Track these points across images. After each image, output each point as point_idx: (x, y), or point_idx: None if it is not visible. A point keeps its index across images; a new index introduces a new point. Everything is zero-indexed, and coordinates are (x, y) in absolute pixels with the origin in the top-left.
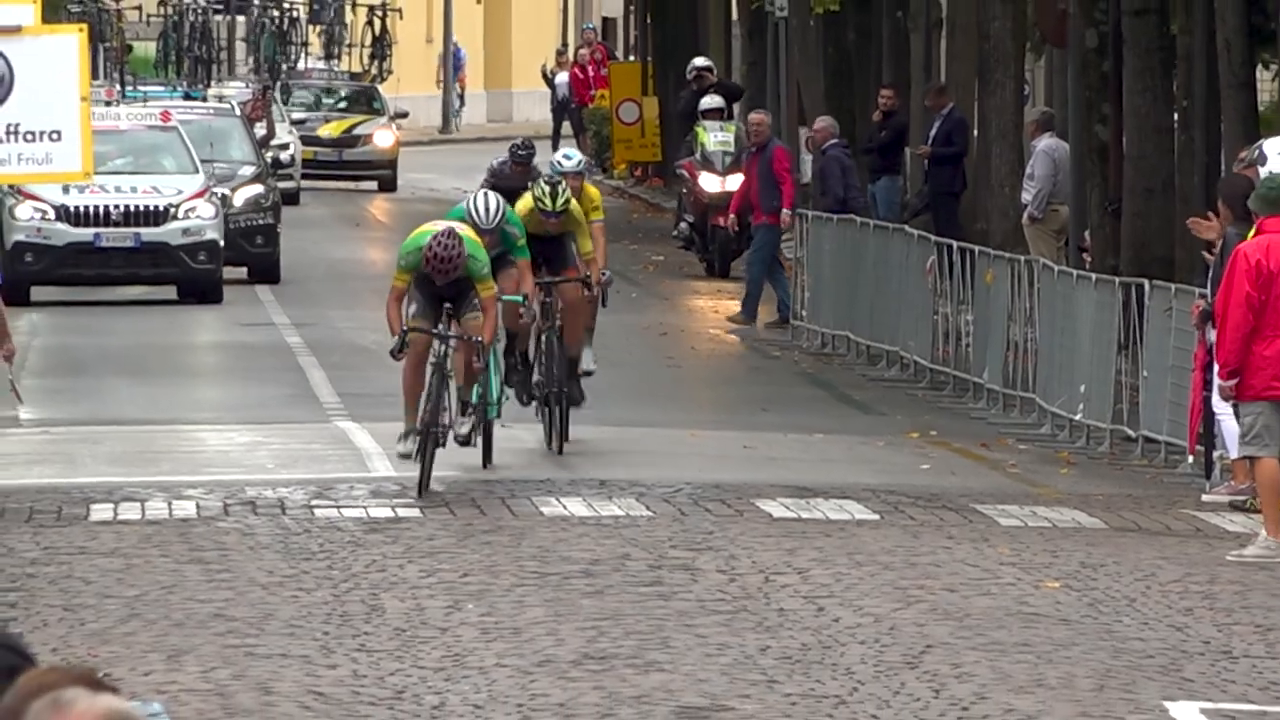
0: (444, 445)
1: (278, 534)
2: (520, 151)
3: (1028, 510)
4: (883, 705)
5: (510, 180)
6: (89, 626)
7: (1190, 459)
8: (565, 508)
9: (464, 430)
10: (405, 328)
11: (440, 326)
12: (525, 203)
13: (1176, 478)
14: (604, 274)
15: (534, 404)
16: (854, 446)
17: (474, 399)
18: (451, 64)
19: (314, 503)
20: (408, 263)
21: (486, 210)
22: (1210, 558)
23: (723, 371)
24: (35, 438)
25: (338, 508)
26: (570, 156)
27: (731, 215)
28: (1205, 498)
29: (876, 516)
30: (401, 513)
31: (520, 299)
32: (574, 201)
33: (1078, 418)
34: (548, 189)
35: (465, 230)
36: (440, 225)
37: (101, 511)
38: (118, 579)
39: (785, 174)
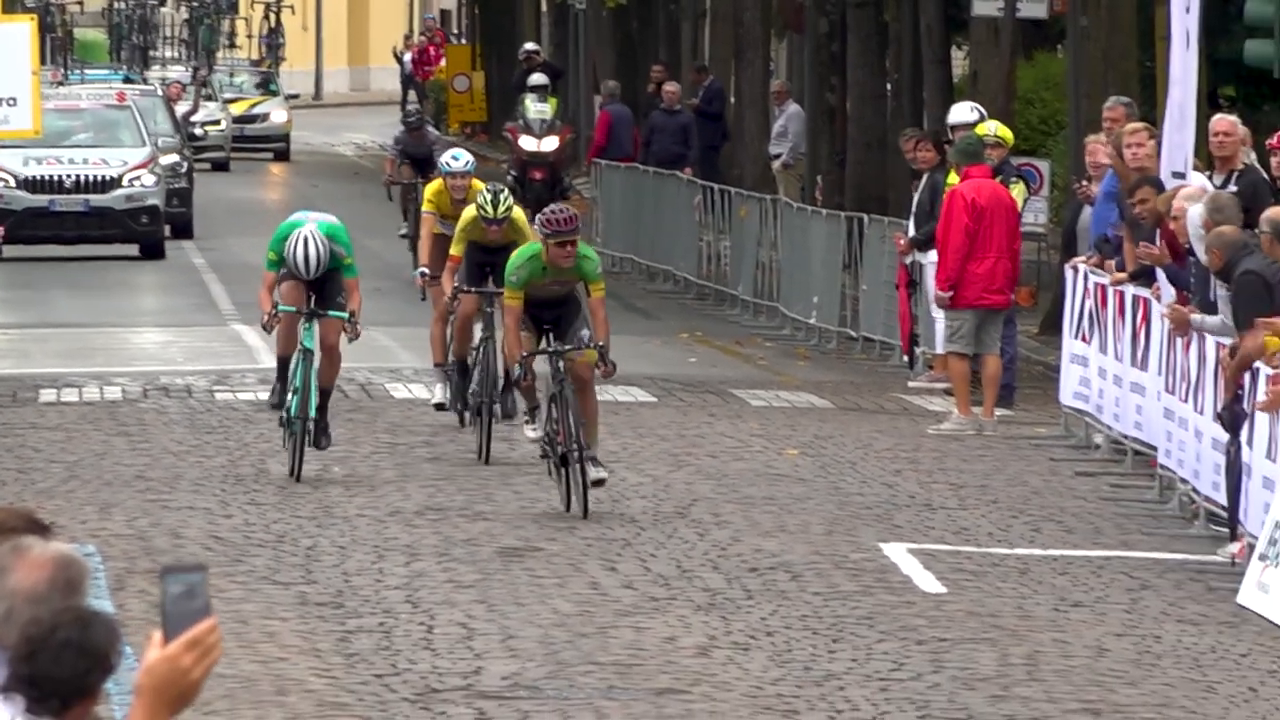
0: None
1: (185, 413)
2: (410, 119)
3: (772, 394)
4: (659, 546)
5: (414, 146)
6: (38, 485)
7: (906, 357)
8: (411, 392)
9: (602, 475)
10: (523, 354)
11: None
12: (470, 213)
13: (888, 369)
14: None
15: (467, 413)
16: (638, 344)
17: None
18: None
19: (214, 388)
20: (519, 278)
21: (307, 263)
22: (914, 431)
23: None
24: None
25: (233, 392)
26: (458, 157)
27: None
28: (911, 384)
29: (654, 399)
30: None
31: (345, 315)
32: (516, 209)
33: (812, 321)
34: (489, 197)
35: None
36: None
37: (48, 395)
38: (60, 448)
39: (597, 133)
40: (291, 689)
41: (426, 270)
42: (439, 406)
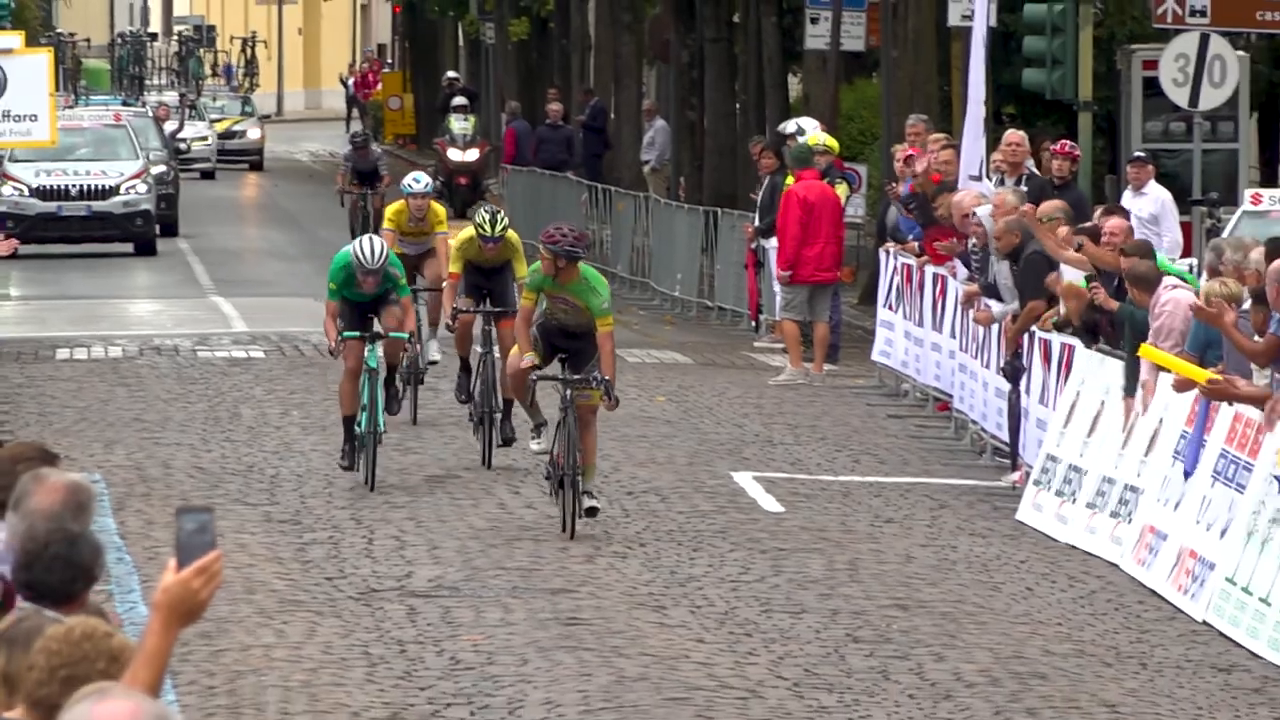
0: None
1: (173, 367)
2: (357, 138)
3: (645, 352)
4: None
5: (360, 162)
6: (55, 426)
7: (753, 323)
8: None
9: (594, 505)
10: (534, 378)
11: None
12: (467, 233)
13: (738, 332)
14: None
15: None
16: None
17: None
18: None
19: (196, 348)
20: (532, 281)
21: (372, 253)
22: (759, 382)
23: None
24: (20, 307)
25: (211, 351)
26: (418, 180)
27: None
28: (756, 344)
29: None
30: (253, 354)
31: (405, 335)
32: (511, 231)
33: (676, 294)
34: (487, 216)
35: (587, 266)
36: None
37: (63, 354)
38: (73, 395)
39: (506, 146)
40: (258, 588)
41: None
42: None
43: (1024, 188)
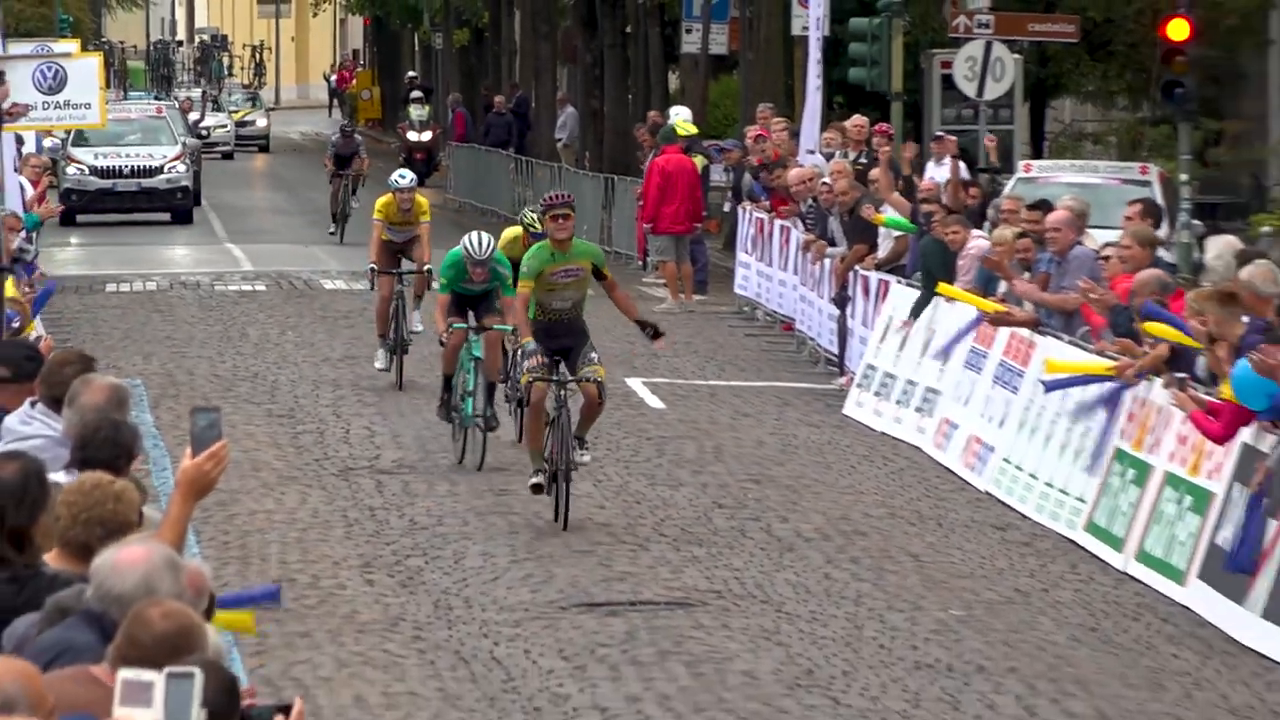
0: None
1: (196, 299)
2: (346, 128)
3: None
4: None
5: (343, 148)
6: (105, 343)
7: (641, 264)
8: (336, 285)
9: (585, 459)
10: (531, 379)
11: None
12: (514, 231)
13: (630, 271)
14: (427, 268)
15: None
16: None
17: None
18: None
19: (214, 283)
20: (530, 269)
21: (479, 244)
22: (646, 310)
23: None
24: (78, 252)
25: (225, 286)
26: (404, 176)
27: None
28: (644, 280)
29: None
30: (257, 288)
31: (510, 329)
32: None
33: None
34: (536, 216)
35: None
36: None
37: (111, 287)
38: (118, 319)
39: (458, 127)
40: (262, 467)
41: (375, 265)
42: (384, 369)
43: (864, 160)
